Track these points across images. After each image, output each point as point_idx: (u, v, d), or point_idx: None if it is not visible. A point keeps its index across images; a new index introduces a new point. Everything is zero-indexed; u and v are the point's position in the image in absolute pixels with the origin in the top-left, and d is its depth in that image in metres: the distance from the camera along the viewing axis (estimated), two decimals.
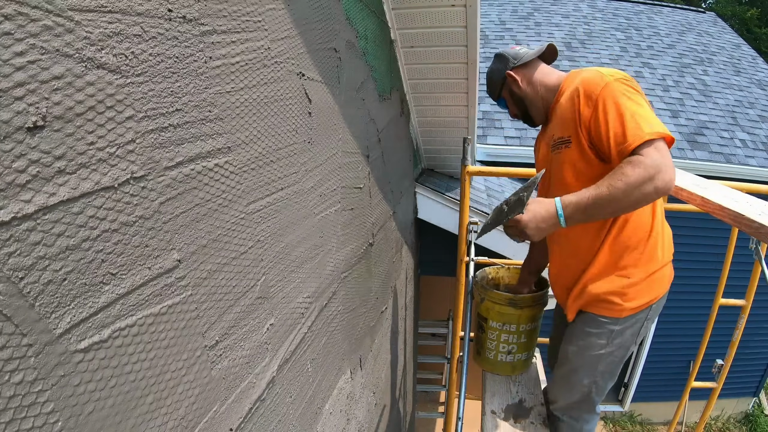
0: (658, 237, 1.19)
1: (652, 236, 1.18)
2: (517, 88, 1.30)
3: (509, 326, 1.60)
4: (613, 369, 1.29)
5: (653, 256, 1.18)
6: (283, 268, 0.90)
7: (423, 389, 4.48)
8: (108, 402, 0.49)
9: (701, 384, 2.30)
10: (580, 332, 1.29)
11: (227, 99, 0.67)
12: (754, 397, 6.08)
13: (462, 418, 1.44)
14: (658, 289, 1.20)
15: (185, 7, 0.58)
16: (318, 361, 1.15)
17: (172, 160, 0.57)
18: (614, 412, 6.14)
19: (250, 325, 0.78)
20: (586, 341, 1.27)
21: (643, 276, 1.17)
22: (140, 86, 0.51)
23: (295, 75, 0.90)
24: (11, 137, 0.37)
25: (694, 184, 1.39)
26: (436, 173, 3.19)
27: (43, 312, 0.41)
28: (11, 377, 0.38)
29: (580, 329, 1.29)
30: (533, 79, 1.29)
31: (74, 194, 0.43)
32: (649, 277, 1.18)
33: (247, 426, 0.79)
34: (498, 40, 6.31)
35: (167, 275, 0.57)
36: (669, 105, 5.19)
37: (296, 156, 0.93)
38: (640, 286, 1.18)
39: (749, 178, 4.33)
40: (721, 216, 1.18)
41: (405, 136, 2.38)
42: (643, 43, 6.38)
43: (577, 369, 1.32)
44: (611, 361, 1.27)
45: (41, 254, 0.40)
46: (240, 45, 0.70)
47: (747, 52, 6.69)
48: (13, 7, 0.37)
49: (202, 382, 0.65)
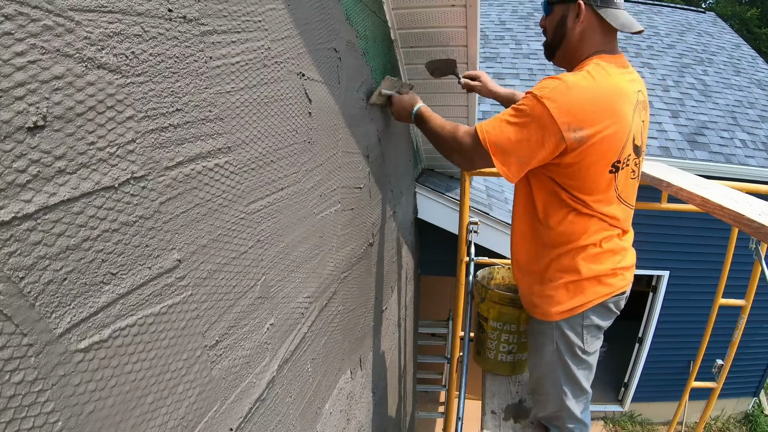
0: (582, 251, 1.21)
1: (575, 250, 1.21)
2: (570, 23, 1.13)
3: (510, 326, 1.60)
4: (576, 378, 1.32)
5: (573, 268, 1.22)
6: (283, 268, 0.90)
7: (423, 389, 4.48)
8: (108, 402, 0.49)
9: (701, 384, 2.30)
10: (531, 337, 1.41)
11: (227, 99, 0.67)
12: (754, 397, 6.08)
13: (462, 418, 1.44)
14: (582, 297, 1.23)
15: (185, 7, 0.58)
16: (318, 361, 1.15)
17: (173, 160, 0.57)
18: (614, 412, 6.14)
19: (250, 325, 0.78)
20: (537, 345, 1.37)
21: (563, 282, 1.24)
22: (140, 86, 0.51)
23: (295, 75, 0.90)
24: (12, 137, 0.37)
25: (694, 184, 1.39)
26: (436, 173, 3.19)
27: (43, 312, 0.41)
28: (11, 377, 0.38)
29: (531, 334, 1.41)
30: (586, 34, 1.13)
31: (74, 194, 0.43)
32: (569, 284, 1.23)
33: (247, 426, 0.79)
34: (498, 40, 6.32)
35: (167, 275, 0.57)
36: (669, 105, 5.19)
37: (296, 156, 0.93)
38: (560, 292, 1.24)
39: (749, 178, 4.33)
40: (721, 216, 1.18)
41: (405, 136, 2.38)
42: (643, 43, 6.38)
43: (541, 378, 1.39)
44: (568, 371, 1.31)
45: (42, 254, 0.40)
46: (240, 45, 0.70)
47: (747, 52, 6.70)
48: (13, 7, 0.37)
49: (202, 382, 0.65)
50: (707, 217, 1.57)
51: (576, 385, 1.33)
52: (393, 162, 2.00)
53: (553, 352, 1.30)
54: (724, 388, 2.29)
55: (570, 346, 1.27)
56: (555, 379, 1.33)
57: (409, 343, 3.21)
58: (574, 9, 1.11)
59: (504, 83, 5.64)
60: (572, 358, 1.29)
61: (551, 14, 1.18)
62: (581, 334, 1.26)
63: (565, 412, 1.36)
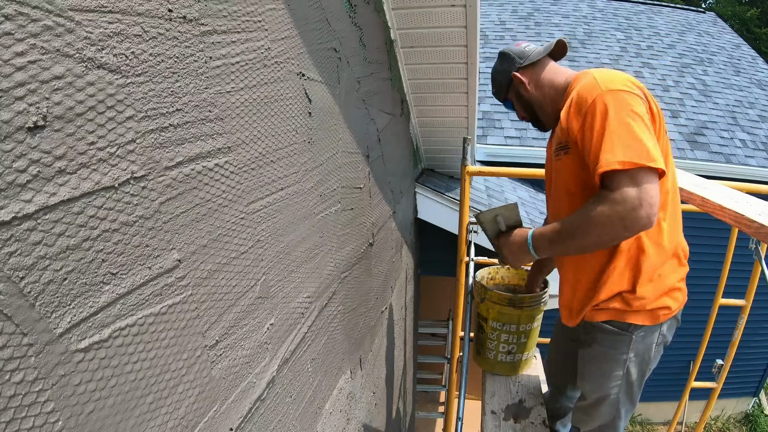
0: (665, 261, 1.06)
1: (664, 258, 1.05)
2: (524, 91, 1.20)
3: (509, 326, 1.60)
4: (635, 398, 1.20)
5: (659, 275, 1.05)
6: (283, 267, 0.90)
7: (423, 389, 4.47)
8: (108, 401, 0.49)
9: (701, 384, 2.30)
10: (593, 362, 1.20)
11: (227, 99, 0.68)
12: (754, 397, 6.08)
13: (462, 418, 1.44)
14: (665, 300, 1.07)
15: (185, 8, 0.58)
16: (318, 360, 1.15)
17: (173, 160, 0.57)
18: None
19: (250, 325, 0.78)
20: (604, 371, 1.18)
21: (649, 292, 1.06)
22: (140, 86, 0.51)
23: (295, 75, 0.90)
24: (12, 137, 0.37)
25: (694, 184, 1.39)
26: (436, 173, 3.19)
27: (43, 312, 0.41)
28: (12, 377, 0.38)
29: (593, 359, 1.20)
30: (541, 80, 1.18)
31: (75, 194, 0.43)
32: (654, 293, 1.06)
33: (247, 426, 0.79)
34: (498, 40, 6.31)
35: (167, 275, 0.57)
36: (669, 105, 5.19)
37: (296, 156, 0.93)
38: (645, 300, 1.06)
39: (749, 178, 4.33)
40: (721, 216, 1.18)
41: (405, 136, 2.38)
42: (643, 43, 6.38)
43: (600, 401, 1.23)
44: (631, 392, 1.19)
45: (42, 254, 0.40)
46: (240, 45, 0.70)
47: (747, 52, 6.70)
48: (13, 7, 0.37)
49: (202, 382, 0.65)
50: (707, 217, 1.57)
51: (632, 405, 1.23)
52: (393, 162, 2.00)
53: (622, 377, 1.16)
54: (724, 388, 2.29)
55: (643, 366, 1.14)
56: (615, 402, 1.20)
57: (409, 343, 3.21)
58: (516, 84, 1.21)
59: None
60: (639, 379, 1.16)
61: (515, 104, 1.28)
62: (653, 352, 1.13)
63: (611, 430, 1.28)
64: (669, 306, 1.07)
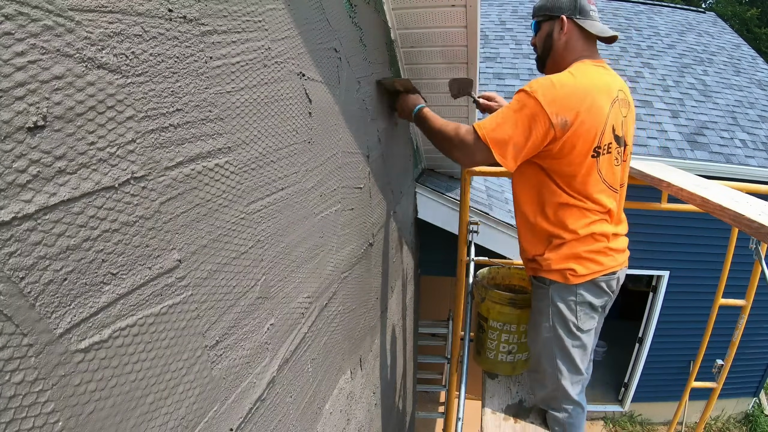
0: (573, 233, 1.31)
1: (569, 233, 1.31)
2: (556, 34, 1.32)
3: (509, 326, 1.60)
4: (571, 355, 1.39)
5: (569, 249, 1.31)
6: (284, 268, 0.90)
7: (423, 389, 4.48)
8: (108, 402, 0.49)
9: (701, 384, 2.30)
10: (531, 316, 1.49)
11: (228, 99, 0.67)
12: (754, 397, 6.08)
13: (462, 418, 1.44)
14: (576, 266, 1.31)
15: (185, 7, 0.58)
16: (318, 361, 1.15)
17: (173, 160, 0.57)
18: (614, 412, 6.13)
19: (250, 325, 0.78)
20: (535, 322, 1.45)
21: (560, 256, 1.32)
22: (141, 86, 0.51)
23: (295, 75, 0.90)
24: (12, 137, 0.37)
25: (694, 184, 1.39)
26: (436, 173, 3.19)
27: (43, 312, 0.41)
28: (12, 377, 0.38)
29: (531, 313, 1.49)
30: (572, 42, 1.31)
31: (75, 194, 0.43)
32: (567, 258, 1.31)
33: (247, 426, 0.79)
34: (498, 40, 6.32)
35: (167, 275, 0.57)
36: (669, 105, 5.20)
37: (296, 156, 0.93)
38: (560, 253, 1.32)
39: (749, 178, 4.33)
40: (721, 216, 1.18)
41: (405, 136, 2.38)
42: (643, 43, 6.38)
43: (538, 355, 1.46)
44: (563, 346, 1.38)
45: (42, 254, 0.40)
46: (240, 45, 0.70)
47: (747, 52, 6.70)
48: (13, 7, 0.37)
49: (202, 382, 0.65)
50: (707, 217, 1.57)
51: (571, 364, 1.40)
52: (393, 162, 2.00)
53: (549, 328, 1.39)
54: (724, 388, 2.29)
55: (564, 321, 1.36)
56: (551, 356, 1.41)
57: (409, 343, 3.21)
58: (558, 23, 1.32)
59: (504, 83, 5.64)
60: (567, 334, 1.37)
61: (540, 31, 1.39)
62: (575, 311, 1.35)
63: (561, 392, 1.42)
64: (574, 269, 1.31)
